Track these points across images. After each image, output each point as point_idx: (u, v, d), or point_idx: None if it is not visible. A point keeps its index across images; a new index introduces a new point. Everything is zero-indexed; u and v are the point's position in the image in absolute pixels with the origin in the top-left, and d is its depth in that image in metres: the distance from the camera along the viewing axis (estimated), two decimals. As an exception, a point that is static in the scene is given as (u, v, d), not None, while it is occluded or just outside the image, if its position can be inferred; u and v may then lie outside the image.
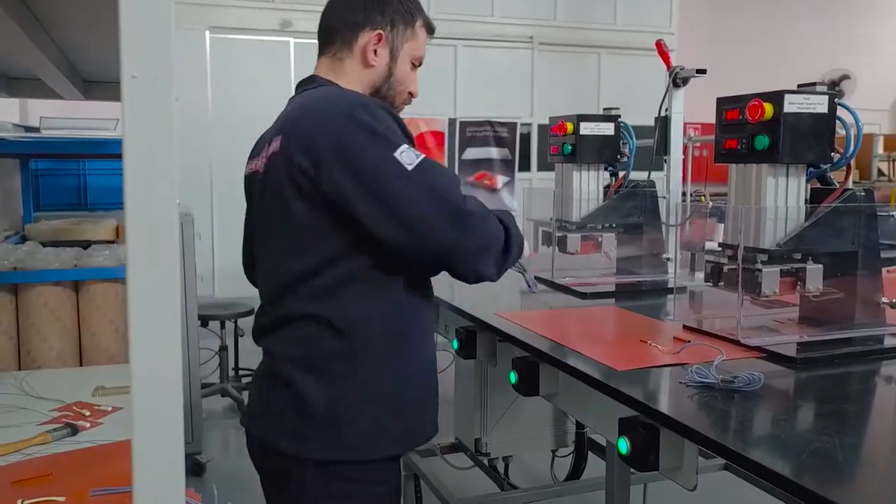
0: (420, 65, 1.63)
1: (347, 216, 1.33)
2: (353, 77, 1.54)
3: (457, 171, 7.43)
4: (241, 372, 4.84)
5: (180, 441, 0.74)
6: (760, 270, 1.52)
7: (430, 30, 1.62)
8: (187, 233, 3.18)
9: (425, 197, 1.32)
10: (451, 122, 7.34)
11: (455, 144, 7.38)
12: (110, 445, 1.56)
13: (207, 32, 7.47)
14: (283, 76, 7.62)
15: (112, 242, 3.02)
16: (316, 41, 1.62)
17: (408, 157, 1.33)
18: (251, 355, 5.13)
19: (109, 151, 2.89)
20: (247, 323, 4.62)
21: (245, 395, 4.47)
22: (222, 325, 4.43)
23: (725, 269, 1.59)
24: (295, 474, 1.39)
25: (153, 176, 0.72)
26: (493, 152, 7.54)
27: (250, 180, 1.54)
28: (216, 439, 4.07)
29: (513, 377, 1.67)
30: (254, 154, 1.56)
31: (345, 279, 1.36)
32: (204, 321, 4.10)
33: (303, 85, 1.57)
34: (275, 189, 1.40)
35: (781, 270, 1.53)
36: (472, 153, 7.47)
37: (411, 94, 1.63)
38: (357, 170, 1.31)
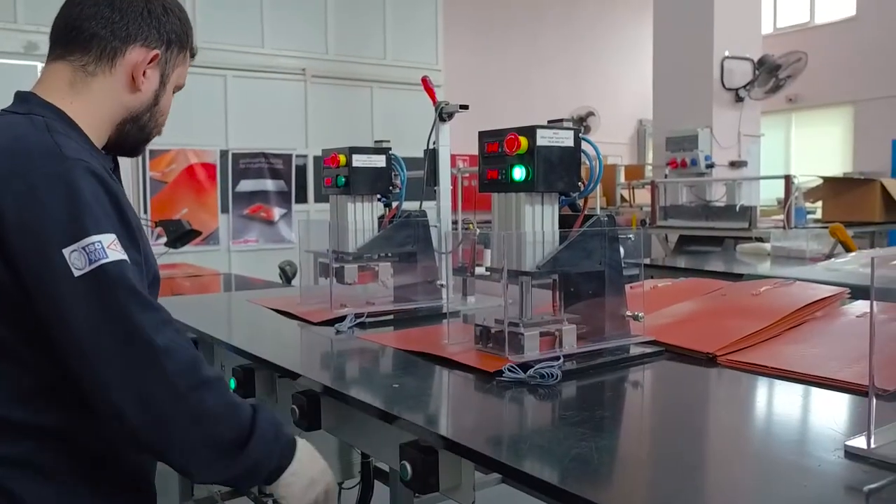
0: (177, 91, 1.44)
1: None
2: (102, 99, 1.28)
3: (231, 204, 7.20)
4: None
5: None
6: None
7: (194, 54, 1.43)
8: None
9: (89, 317, 1.07)
10: (223, 153, 7.11)
11: (228, 177, 7.15)
12: None
13: (-67, 53, 6.62)
14: (29, 103, 6.92)
15: None
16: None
17: (81, 258, 1.06)
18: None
19: None
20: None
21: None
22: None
23: (493, 292, 1.69)
24: None
25: None
26: (269, 184, 7.40)
27: None
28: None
29: (294, 413, 1.63)
30: None
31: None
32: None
33: (15, 103, 1.27)
34: None
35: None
36: (247, 185, 7.29)
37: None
38: (13, 246, 1.07)
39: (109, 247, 1.09)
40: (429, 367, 1.70)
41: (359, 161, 2.35)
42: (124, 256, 1.11)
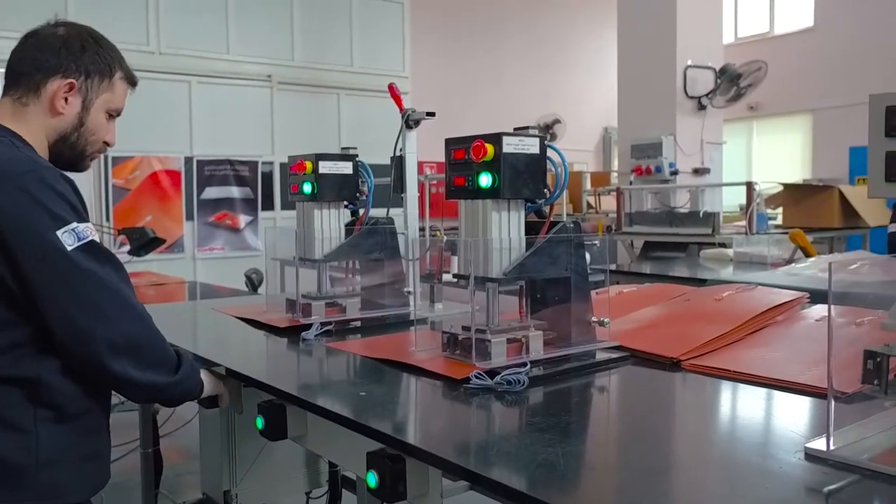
0: (118, 115, 1.65)
1: None
2: (37, 125, 1.54)
3: (196, 212, 7.12)
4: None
5: None
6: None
7: (132, 83, 1.65)
8: None
9: (75, 280, 1.38)
10: (188, 160, 7.03)
11: (193, 183, 7.07)
12: None
13: None
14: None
15: None
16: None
17: (70, 237, 1.38)
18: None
19: None
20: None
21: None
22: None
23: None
24: None
25: None
26: (235, 191, 7.33)
27: None
28: None
29: (259, 422, 1.62)
30: None
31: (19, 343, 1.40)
32: None
33: None
34: None
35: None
36: (212, 192, 7.21)
37: (107, 144, 1.65)
38: (7, 241, 1.34)
39: (87, 229, 1.41)
40: (396, 374, 1.70)
41: (325, 168, 2.34)
42: (97, 237, 1.44)
